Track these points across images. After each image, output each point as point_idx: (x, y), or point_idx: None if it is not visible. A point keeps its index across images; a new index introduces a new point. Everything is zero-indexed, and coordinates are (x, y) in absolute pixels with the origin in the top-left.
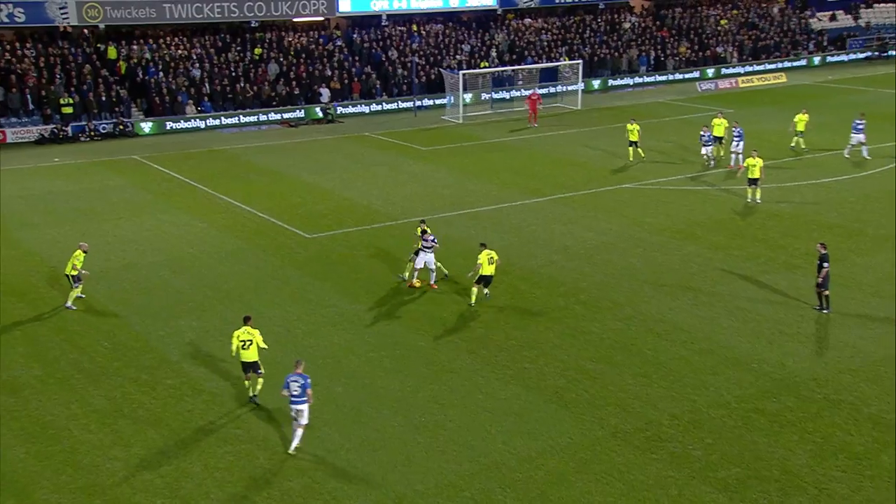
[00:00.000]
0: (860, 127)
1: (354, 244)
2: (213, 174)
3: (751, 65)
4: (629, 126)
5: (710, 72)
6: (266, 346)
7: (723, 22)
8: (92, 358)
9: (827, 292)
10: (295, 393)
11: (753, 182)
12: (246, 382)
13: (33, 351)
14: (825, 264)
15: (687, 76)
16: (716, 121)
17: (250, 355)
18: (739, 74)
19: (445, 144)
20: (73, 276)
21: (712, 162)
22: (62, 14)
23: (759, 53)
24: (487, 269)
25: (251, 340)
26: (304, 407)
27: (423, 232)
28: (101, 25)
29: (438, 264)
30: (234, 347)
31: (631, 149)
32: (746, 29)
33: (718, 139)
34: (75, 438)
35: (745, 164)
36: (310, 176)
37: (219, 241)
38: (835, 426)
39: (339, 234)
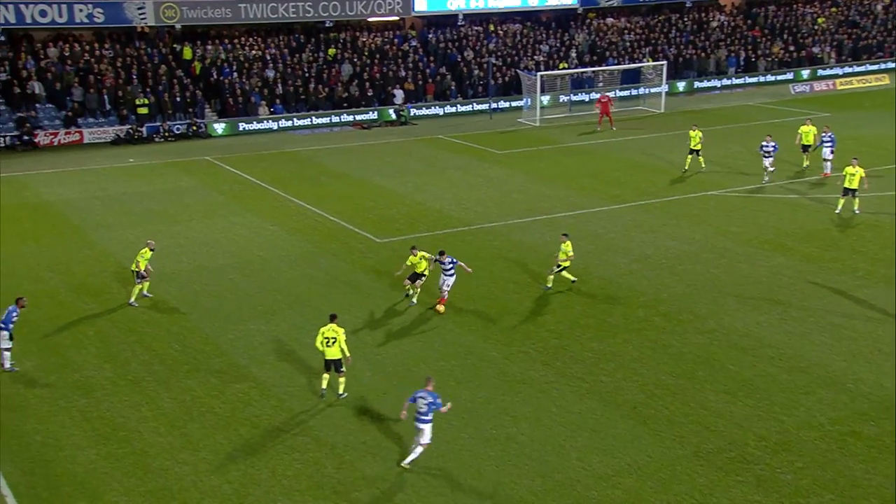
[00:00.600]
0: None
1: (426, 249)
2: (285, 176)
3: (850, 66)
4: (691, 133)
5: (805, 73)
6: (347, 351)
7: (820, 20)
8: (163, 360)
9: None
10: (421, 410)
11: (851, 192)
12: (325, 376)
13: (105, 352)
14: None
15: (779, 78)
16: (804, 128)
17: (333, 353)
18: (837, 76)
19: (521, 148)
20: (137, 272)
21: (766, 178)
22: (140, 14)
23: (860, 53)
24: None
25: (335, 338)
26: (428, 427)
27: (441, 253)
28: (178, 26)
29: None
30: (318, 342)
31: (690, 157)
32: (846, 27)
33: (806, 148)
34: (145, 441)
35: (843, 173)
36: (382, 179)
37: (289, 244)
38: None
39: (411, 239)
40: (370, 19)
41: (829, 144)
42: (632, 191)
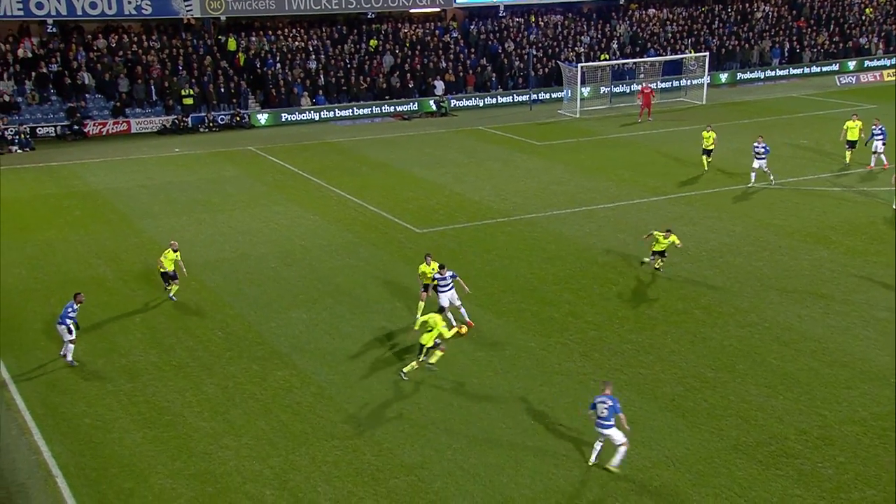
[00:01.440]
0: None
1: (465, 240)
2: (326, 166)
3: None
4: (704, 133)
5: (852, 64)
6: (447, 335)
7: (868, 10)
8: (206, 346)
9: None
10: (602, 415)
11: None
12: (413, 364)
13: (151, 337)
14: None
15: (825, 69)
16: (849, 123)
17: (427, 340)
18: (885, 67)
19: (561, 139)
20: (164, 272)
21: (752, 181)
22: (186, 6)
23: None
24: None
25: (433, 328)
26: (612, 431)
27: (441, 267)
28: (223, 17)
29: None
30: (418, 323)
31: (704, 157)
32: (894, 17)
33: (852, 144)
34: (189, 425)
35: None
36: (422, 170)
37: (330, 234)
38: None
39: (450, 230)
40: (412, 11)
41: (879, 137)
42: (672, 183)
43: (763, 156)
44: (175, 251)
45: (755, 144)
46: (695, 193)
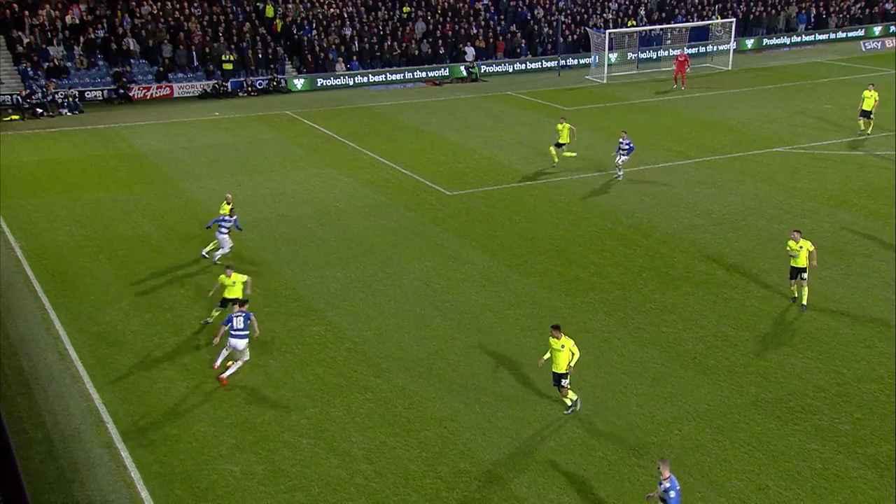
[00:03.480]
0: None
1: (495, 202)
2: (360, 130)
3: None
4: (559, 126)
5: (877, 30)
6: (576, 355)
7: None
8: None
9: None
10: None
11: None
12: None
13: (195, 294)
14: None
15: (850, 35)
16: (866, 93)
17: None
18: None
19: (588, 105)
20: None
21: (619, 174)
22: None
23: None
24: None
25: (563, 346)
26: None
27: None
28: None
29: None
30: (546, 357)
31: (553, 149)
32: None
33: (867, 113)
34: (231, 378)
35: None
36: (452, 134)
37: (363, 195)
38: None
39: (480, 193)
40: None
41: None
42: (697, 147)
43: (626, 153)
44: (228, 203)
45: (620, 140)
46: (719, 157)
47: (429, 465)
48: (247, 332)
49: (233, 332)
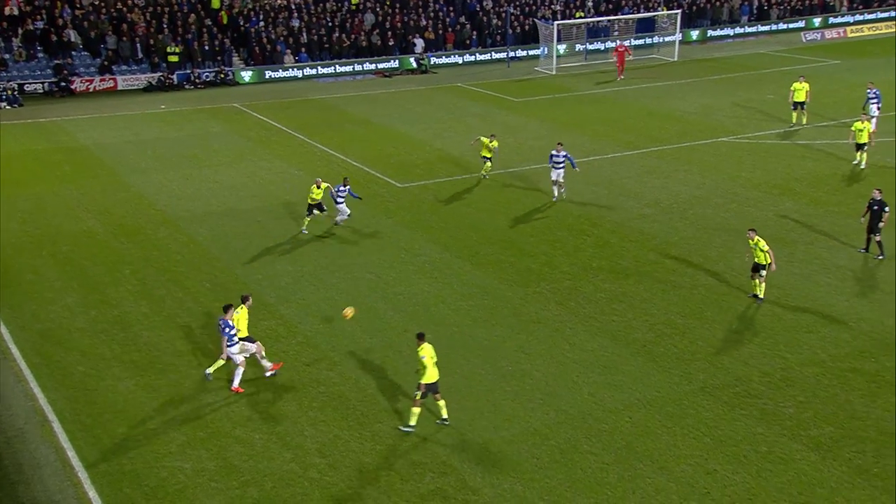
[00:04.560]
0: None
1: (445, 194)
2: (309, 123)
3: (861, 13)
4: (484, 139)
5: (817, 21)
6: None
7: None
8: (195, 298)
9: (879, 238)
10: None
11: (861, 147)
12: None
13: (142, 289)
14: (886, 209)
15: (791, 26)
16: (796, 85)
17: (430, 375)
18: (848, 24)
19: (538, 96)
20: (312, 205)
21: (555, 195)
22: None
23: (871, 1)
24: (761, 259)
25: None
26: None
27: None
28: None
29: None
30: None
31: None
32: None
33: (800, 104)
34: (180, 373)
35: (852, 129)
36: (403, 126)
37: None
38: None
39: (431, 184)
40: None
41: (874, 101)
42: (645, 137)
43: (561, 165)
44: (319, 187)
45: (553, 153)
46: (666, 147)
47: (383, 458)
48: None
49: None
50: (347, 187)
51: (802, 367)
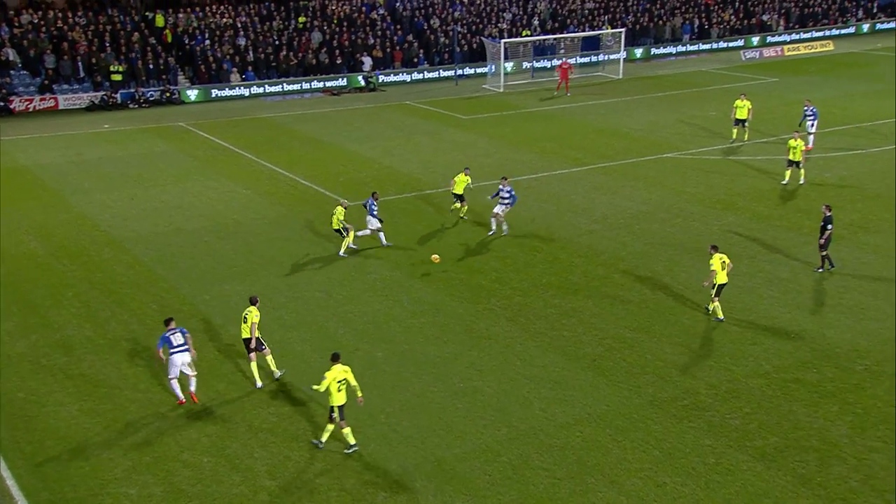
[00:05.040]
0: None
1: (395, 212)
2: (257, 141)
3: (797, 33)
4: (456, 178)
5: (755, 40)
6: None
7: None
8: (141, 320)
9: (824, 253)
10: None
11: (794, 164)
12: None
13: (85, 312)
14: (829, 226)
15: (731, 45)
16: (738, 102)
17: (340, 398)
18: (785, 42)
19: (486, 113)
20: (338, 229)
21: (493, 228)
22: None
23: (807, 21)
24: (721, 277)
25: (344, 380)
26: None
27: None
28: None
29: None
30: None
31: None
32: None
33: (742, 121)
34: (125, 397)
35: (787, 146)
36: (352, 144)
37: (262, 207)
38: (876, 398)
39: (381, 203)
40: None
41: (811, 118)
42: (592, 154)
43: (507, 201)
44: (345, 208)
45: (500, 187)
46: (613, 164)
47: (334, 479)
48: (187, 346)
49: (173, 350)
50: (375, 201)
51: (748, 379)
